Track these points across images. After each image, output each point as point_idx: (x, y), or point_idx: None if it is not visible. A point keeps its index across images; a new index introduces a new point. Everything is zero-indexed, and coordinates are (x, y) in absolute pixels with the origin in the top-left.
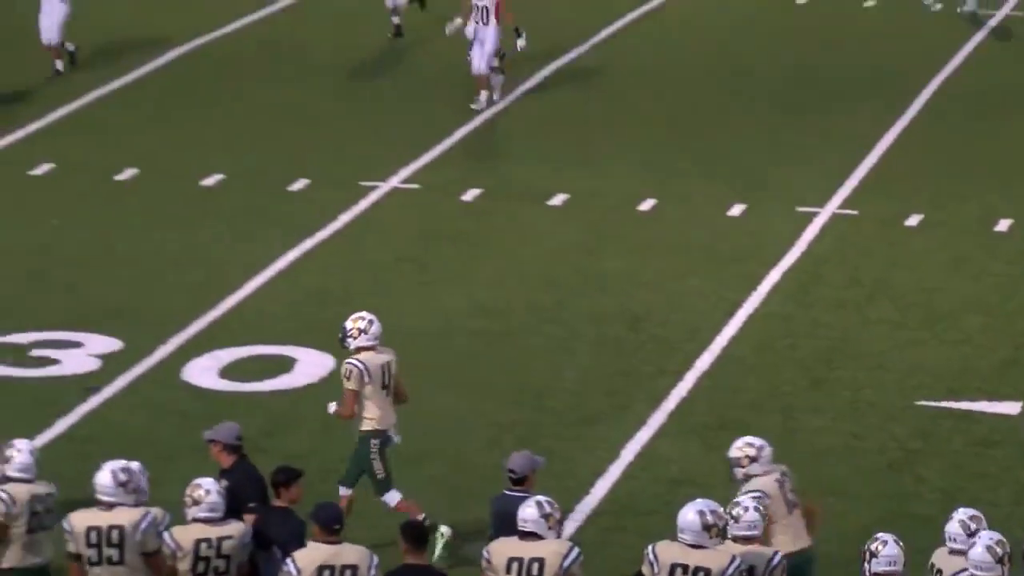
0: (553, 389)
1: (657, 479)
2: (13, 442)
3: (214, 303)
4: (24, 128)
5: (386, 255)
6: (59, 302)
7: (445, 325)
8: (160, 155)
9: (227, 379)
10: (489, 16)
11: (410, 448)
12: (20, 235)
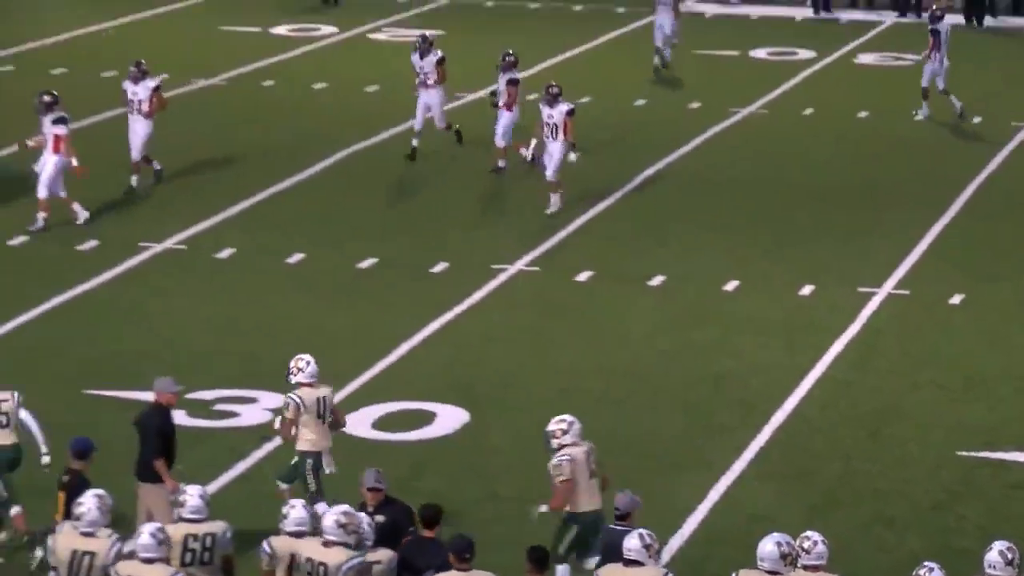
0: (652, 440)
1: (738, 517)
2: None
3: (369, 366)
4: (212, 218)
5: (512, 327)
6: (239, 364)
7: (563, 386)
8: (324, 242)
9: (378, 430)
10: (558, 132)
11: (545, 488)
12: (208, 308)
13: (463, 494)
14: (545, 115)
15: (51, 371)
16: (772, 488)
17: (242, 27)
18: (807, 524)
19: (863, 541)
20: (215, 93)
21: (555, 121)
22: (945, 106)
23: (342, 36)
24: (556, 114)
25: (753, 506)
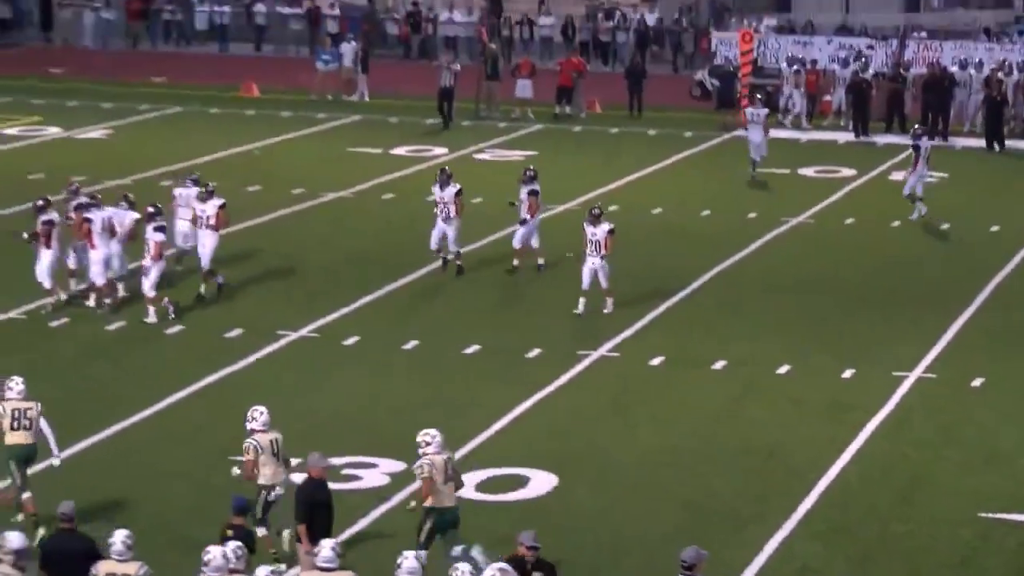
0: (714, 501)
1: (789, 569)
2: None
3: (473, 436)
4: (340, 310)
5: (596, 404)
6: (362, 435)
7: (639, 454)
8: (434, 331)
9: (481, 492)
10: (600, 247)
11: (624, 542)
12: (336, 387)
13: (553, 549)
14: (589, 233)
15: (203, 441)
16: (818, 544)
17: (367, 148)
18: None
19: None
20: (344, 203)
21: (598, 239)
22: (964, 222)
23: (452, 156)
24: (599, 232)
25: (802, 559)
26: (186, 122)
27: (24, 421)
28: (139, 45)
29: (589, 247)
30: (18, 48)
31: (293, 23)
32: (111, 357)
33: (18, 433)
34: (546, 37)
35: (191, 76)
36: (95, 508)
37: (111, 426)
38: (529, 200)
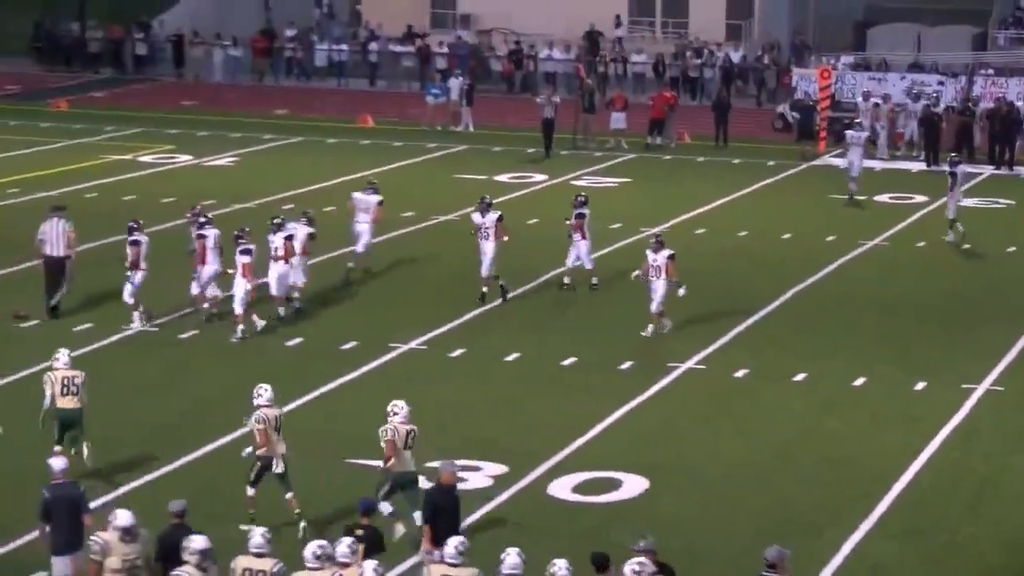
0: (795, 504)
1: (864, 568)
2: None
3: (570, 442)
4: (445, 325)
5: (684, 413)
6: (467, 439)
7: (724, 460)
8: (533, 344)
9: (577, 493)
10: (661, 272)
11: (708, 544)
12: (444, 395)
13: None
14: (651, 259)
15: (320, 444)
16: (893, 545)
17: (472, 175)
18: (923, 575)
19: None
20: (450, 226)
21: (659, 264)
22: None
23: (551, 182)
24: (660, 258)
25: (877, 559)
26: (306, 151)
27: (72, 387)
28: (264, 80)
29: (651, 271)
30: (153, 83)
31: (405, 60)
32: (237, 365)
33: (66, 398)
34: (639, 73)
35: (311, 108)
36: (223, 505)
37: (236, 430)
38: (577, 222)
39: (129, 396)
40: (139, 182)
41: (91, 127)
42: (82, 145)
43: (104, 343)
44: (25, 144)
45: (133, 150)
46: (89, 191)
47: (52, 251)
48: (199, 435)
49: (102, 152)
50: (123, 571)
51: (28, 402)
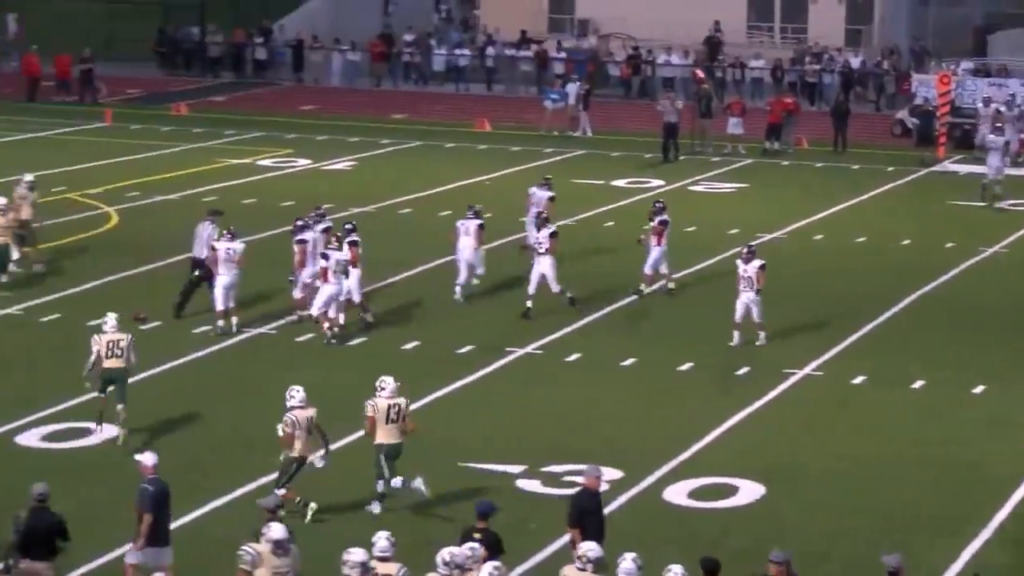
0: (914, 514)
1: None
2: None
3: (686, 448)
4: (564, 328)
5: (800, 419)
6: (581, 444)
7: (842, 467)
8: (651, 348)
9: (693, 499)
10: (753, 283)
11: (825, 551)
12: (557, 400)
13: (757, 556)
14: (741, 270)
15: (436, 447)
16: (1009, 551)
17: (590, 180)
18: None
19: None
20: (569, 230)
21: (749, 274)
22: None
23: (668, 187)
24: (750, 269)
25: (995, 566)
26: (423, 155)
27: (116, 350)
28: (382, 85)
29: (742, 283)
30: (273, 87)
31: (522, 64)
32: (355, 368)
33: (111, 359)
34: (756, 78)
35: (429, 113)
36: (341, 507)
37: (354, 433)
38: (656, 228)
39: (245, 398)
40: (258, 186)
41: (211, 131)
42: (202, 149)
43: (223, 345)
44: (146, 148)
45: (252, 154)
46: (208, 195)
47: (197, 252)
48: None
49: (221, 156)
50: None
51: (147, 403)
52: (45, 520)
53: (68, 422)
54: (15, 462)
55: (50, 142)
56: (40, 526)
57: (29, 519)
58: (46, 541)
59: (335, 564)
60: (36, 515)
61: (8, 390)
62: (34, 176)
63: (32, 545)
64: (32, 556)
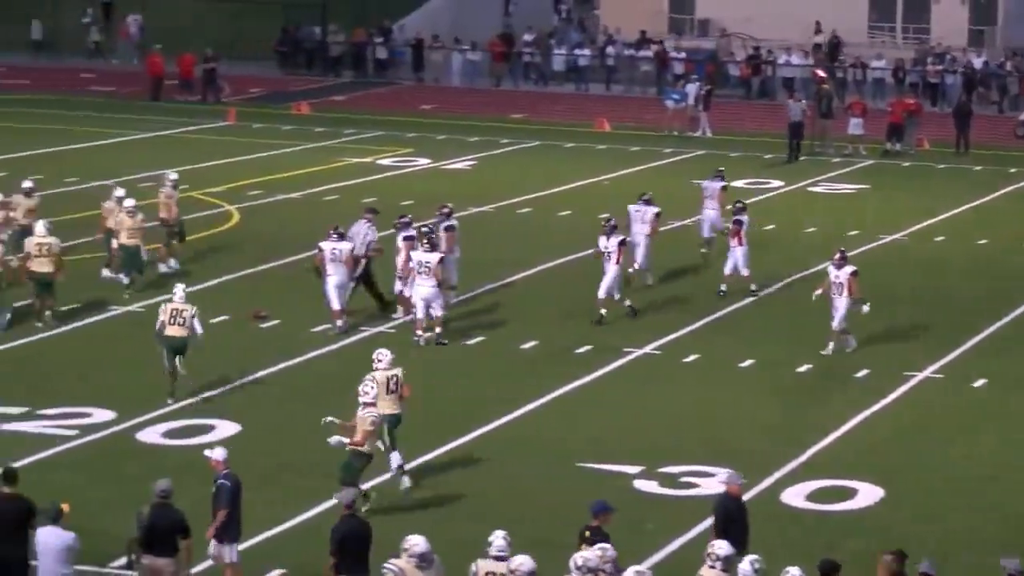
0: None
1: None
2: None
3: (802, 451)
4: (681, 330)
5: (920, 421)
6: (700, 445)
7: (962, 473)
8: (768, 352)
9: (810, 501)
10: (843, 289)
11: (946, 554)
12: (676, 401)
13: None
14: (832, 275)
15: (553, 447)
16: None
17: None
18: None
19: None
20: (687, 231)
21: (841, 280)
22: None
23: (788, 188)
24: (842, 275)
25: None
26: (543, 155)
27: (179, 319)
28: (501, 84)
29: (833, 288)
30: (393, 86)
31: (642, 64)
32: (470, 369)
33: (174, 327)
34: (878, 79)
35: (548, 113)
36: (454, 508)
37: (469, 433)
38: (734, 228)
39: None
40: (378, 185)
41: (332, 130)
42: (322, 148)
43: (341, 344)
44: (267, 147)
45: (373, 153)
46: (329, 193)
47: (356, 251)
48: (434, 437)
49: (342, 155)
50: None
51: (271, 400)
52: (167, 517)
53: (188, 419)
54: (137, 459)
55: (173, 141)
56: (162, 523)
57: (151, 516)
58: (168, 538)
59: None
60: (158, 512)
61: (130, 388)
62: (177, 175)
63: (154, 542)
64: (154, 552)
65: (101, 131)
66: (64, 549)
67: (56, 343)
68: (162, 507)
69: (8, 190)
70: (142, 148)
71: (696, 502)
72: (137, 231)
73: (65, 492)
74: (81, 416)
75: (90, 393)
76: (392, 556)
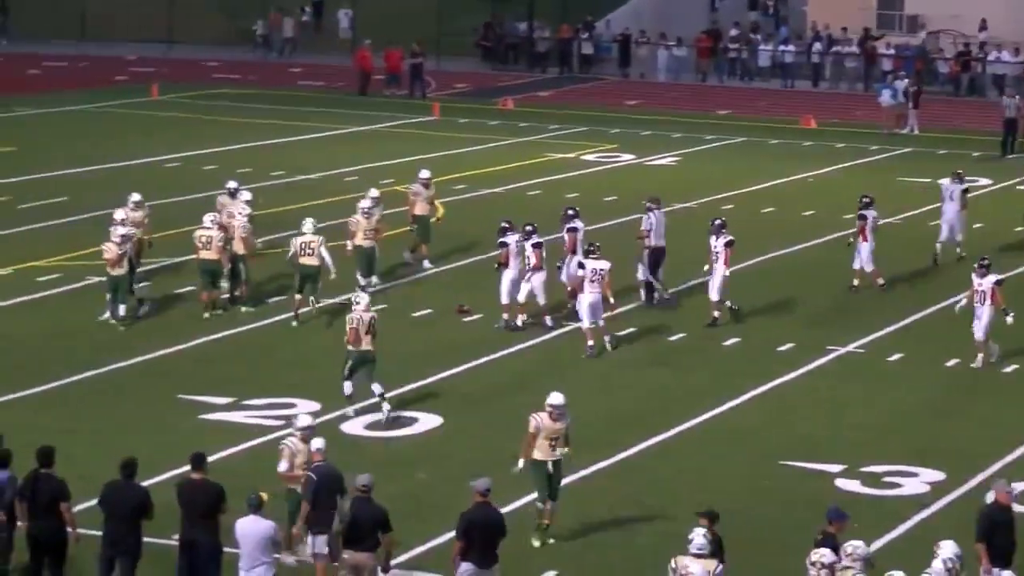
0: None
1: None
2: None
3: (1001, 452)
4: (884, 329)
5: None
6: (902, 445)
7: None
8: (973, 349)
9: (1019, 503)
10: (986, 298)
11: None
12: (878, 400)
13: None
14: (976, 284)
15: (756, 444)
16: None
17: (916, 178)
18: None
19: None
20: (893, 229)
21: (983, 289)
22: None
23: (995, 186)
24: (985, 283)
25: None
26: (747, 151)
27: (308, 249)
28: (707, 80)
29: (976, 296)
30: (598, 82)
31: (849, 61)
32: (671, 365)
33: (304, 257)
34: None
35: (753, 109)
36: (653, 503)
37: (669, 428)
38: (860, 224)
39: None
40: (582, 180)
41: (536, 125)
42: (527, 143)
43: (544, 338)
44: (473, 142)
45: (577, 148)
46: (533, 188)
47: (657, 241)
48: (636, 432)
49: (547, 150)
50: None
51: (473, 394)
52: (368, 511)
53: (391, 412)
54: (340, 451)
55: (380, 135)
56: (363, 517)
57: (353, 510)
58: (369, 532)
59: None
60: (360, 506)
61: (335, 380)
62: (428, 172)
63: (355, 536)
64: (355, 547)
65: (310, 125)
66: (264, 538)
67: (265, 333)
68: (363, 501)
69: (216, 186)
70: (349, 142)
71: (899, 502)
72: (374, 232)
73: (267, 482)
74: (286, 407)
75: (298, 384)
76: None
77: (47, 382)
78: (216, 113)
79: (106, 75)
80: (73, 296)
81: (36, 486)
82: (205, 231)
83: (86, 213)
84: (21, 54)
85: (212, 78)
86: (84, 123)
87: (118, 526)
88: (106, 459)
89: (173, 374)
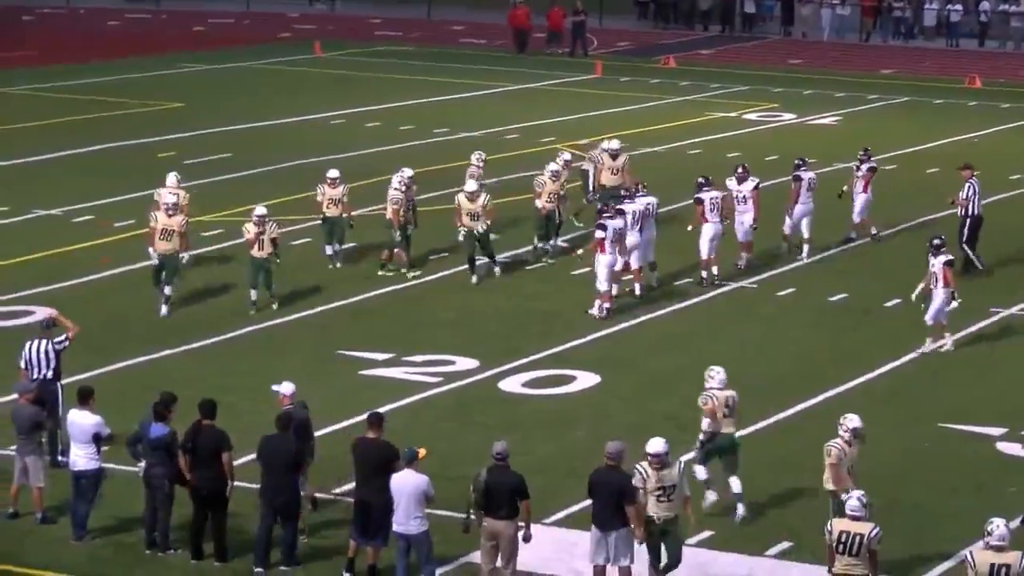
0: None
1: None
2: None
3: None
4: None
5: None
6: None
7: None
8: None
9: None
10: (938, 281)
11: None
12: None
13: None
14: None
15: (916, 406)
16: None
17: None
18: None
19: None
20: None
21: (935, 271)
22: None
23: None
24: (937, 264)
25: None
26: (911, 111)
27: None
28: (870, 39)
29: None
30: (760, 41)
31: (1015, 20)
32: (829, 326)
33: (331, 208)
34: None
35: (918, 69)
36: (805, 466)
37: (825, 391)
38: (866, 175)
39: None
40: (743, 139)
41: (698, 84)
42: (689, 102)
43: (704, 297)
44: (635, 100)
45: (738, 107)
46: (693, 147)
47: (975, 211)
48: (789, 393)
49: (708, 109)
50: None
51: (631, 353)
52: (504, 479)
53: (549, 370)
54: (497, 408)
55: (540, 93)
56: (499, 485)
57: (488, 478)
58: (506, 500)
59: None
60: (496, 473)
61: (496, 338)
62: (618, 143)
63: (492, 504)
64: (492, 515)
65: (470, 83)
66: (418, 493)
67: (426, 290)
68: (499, 469)
69: (380, 143)
70: (508, 100)
71: (1010, 466)
72: (554, 196)
73: (425, 438)
74: (445, 364)
75: (456, 342)
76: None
77: (208, 337)
78: (378, 70)
79: (270, 32)
80: (234, 251)
81: (197, 438)
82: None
83: (250, 170)
84: (187, 11)
85: (374, 35)
86: (248, 80)
87: (274, 478)
88: (267, 413)
89: (330, 328)
